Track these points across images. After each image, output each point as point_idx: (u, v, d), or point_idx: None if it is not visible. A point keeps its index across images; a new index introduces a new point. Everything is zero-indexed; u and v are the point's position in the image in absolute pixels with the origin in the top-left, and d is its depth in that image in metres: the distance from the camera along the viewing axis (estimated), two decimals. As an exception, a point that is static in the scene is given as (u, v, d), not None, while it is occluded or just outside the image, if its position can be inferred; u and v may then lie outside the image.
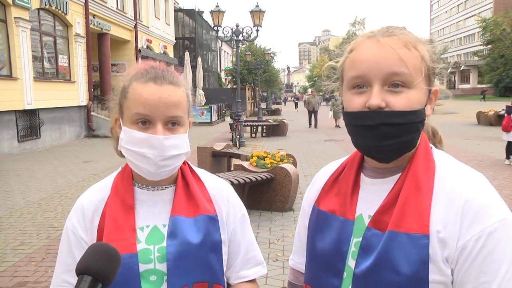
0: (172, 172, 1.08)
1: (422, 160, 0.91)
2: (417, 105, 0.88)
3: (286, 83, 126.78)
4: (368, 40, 0.91)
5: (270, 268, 4.11)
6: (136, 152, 1.03)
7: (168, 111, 1.02)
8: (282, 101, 69.04)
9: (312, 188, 1.12)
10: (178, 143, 1.04)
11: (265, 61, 36.41)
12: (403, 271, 0.83)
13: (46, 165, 10.55)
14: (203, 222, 1.08)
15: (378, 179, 0.96)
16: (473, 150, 11.80)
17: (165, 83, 1.03)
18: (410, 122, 0.87)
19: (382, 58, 0.87)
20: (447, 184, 0.88)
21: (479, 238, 0.81)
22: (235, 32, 14.32)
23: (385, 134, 0.87)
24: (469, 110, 28.39)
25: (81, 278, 0.78)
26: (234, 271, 1.18)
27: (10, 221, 5.88)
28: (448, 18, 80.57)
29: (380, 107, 0.86)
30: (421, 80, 0.88)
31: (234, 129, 13.99)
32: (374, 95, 0.86)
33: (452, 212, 0.84)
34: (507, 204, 0.87)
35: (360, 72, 0.89)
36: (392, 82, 0.87)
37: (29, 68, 13.33)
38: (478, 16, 53.53)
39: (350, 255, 0.94)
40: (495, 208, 0.83)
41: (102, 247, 0.85)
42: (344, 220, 0.96)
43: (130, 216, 1.07)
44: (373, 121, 0.87)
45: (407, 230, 0.85)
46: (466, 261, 0.82)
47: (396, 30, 0.92)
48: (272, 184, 6.13)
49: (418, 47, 0.90)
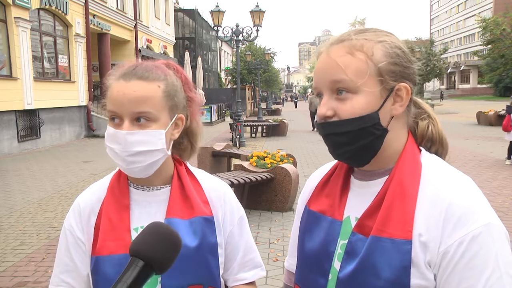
0: (148, 169, 1.05)
1: (408, 163, 0.89)
2: (362, 110, 0.86)
3: (286, 83, 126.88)
4: (322, 52, 0.93)
5: (270, 268, 4.12)
6: (109, 148, 1.04)
7: (132, 106, 1.00)
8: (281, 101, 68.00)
9: (306, 189, 1.12)
10: (145, 139, 1.01)
11: (265, 61, 36.44)
12: (384, 276, 0.83)
13: (46, 165, 10.55)
14: (199, 224, 1.07)
15: (367, 182, 0.95)
16: (473, 150, 11.79)
17: (134, 78, 1.01)
18: (358, 128, 0.87)
19: (325, 68, 0.90)
20: (431, 188, 0.86)
21: (462, 243, 0.79)
22: (235, 32, 14.32)
23: (336, 143, 0.90)
24: (469, 110, 28.40)
25: (132, 261, 0.72)
26: (232, 274, 1.17)
27: (10, 221, 5.89)
28: (448, 18, 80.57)
29: (326, 116, 0.89)
30: (365, 82, 0.86)
31: (234, 129, 13.99)
32: (321, 105, 0.90)
33: (435, 216, 0.83)
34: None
35: (314, 83, 0.94)
36: (337, 89, 0.88)
37: (29, 68, 13.33)
38: (478, 16, 53.48)
39: (336, 257, 0.93)
40: (479, 212, 0.81)
41: (162, 229, 0.78)
42: (332, 220, 0.96)
43: (125, 216, 1.07)
44: (323, 132, 0.92)
45: (390, 235, 0.84)
46: (448, 266, 0.81)
47: (347, 36, 0.90)
48: (272, 184, 6.13)
49: (365, 48, 0.87)
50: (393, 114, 0.90)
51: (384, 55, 0.88)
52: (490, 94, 54.88)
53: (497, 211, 5.71)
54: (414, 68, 0.93)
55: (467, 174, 0.91)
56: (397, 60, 0.89)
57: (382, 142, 0.89)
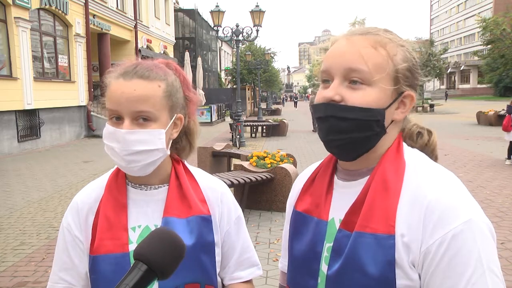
0: (147, 168, 1.05)
1: (391, 160, 0.89)
2: (373, 103, 0.86)
3: (286, 83, 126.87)
4: (341, 38, 0.92)
5: (270, 268, 4.12)
6: (108, 146, 1.04)
7: (132, 105, 0.99)
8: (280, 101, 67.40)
9: (293, 191, 1.12)
10: (144, 138, 1.01)
11: (265, 61, 36.38)
12: (370, 272, 0.82)
13: (46, 165, 10.55)
14: (196, 223, 1.08)
15: (350, 182, 0.95)
16: (473, 150, 11.76)
17: (134, 77, 1.01)
18: (362, 119, 0.86)
19: (344, 54, 0.88)
20: (412, 185, 0.86)
21: (442, 242, 0.79)
22: (235, 32, 14.32)
23: (334, 127, 0.87)
24: (469, 110, 28.40)
25: (135, 264, 0.73)
26: (228, 272, 1.18)
27: (10, 221, 5.89)
28: (448, 18, 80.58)
29: (333, 100, 0.87)
30: (382, 78, 0.87)
31: (234, 129, 13.99)
32: (330, 88, 0.88)
33: (415, 215, 0.82)
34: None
35: (326, 66, 0.91)
36: (351, 78, 0.87)
37: (29, 68, 13.34)
38: (478, 16, 53.47)
39: (323, 260, 0.93)
40: (460, 209, 0.80)
41: (168, 235, 0.79)
42: (318, 221, 0.95)
43: (123, 215, 1.07)
44: (323, 113, 0.88)
45: (373, 230, 0.84)
46: (430, 266, 0.80)
47: (374, 31, 0.91)
48: (272, 184, 6.13)
49: (390, 48, 0.89)
50: (394, 118, 0.91)
51: (403, 59, 0.90)
52: (490, 94, 54.88)
53: (497, 211, 5.76)
54: (420, 80, 0.95)
55: (467, 174, 0.92)
56: (412, 68, 0.92)
57: (377, 141, 0.90)
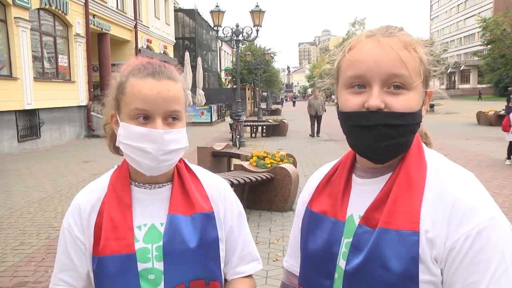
0: (171, 166, 1.08)
1: (415, 159, 0.91)
2: (416, 107, 0.88)
3: (286, 83, 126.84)
4: (368, 40, 0.89)
5: (270, 268, 4.12)
6: (136, 147, 1.03)
7: (167, 105, 1.02)
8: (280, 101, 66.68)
9: (306, 190, 1.13)
10: (177, 137, 1.05)
11: (265, 61, 36.38)
12: (393, 268, 0.83)
13: (46, 165, 10.55)
14: (200, 220, 1.09)
15: (369, 179, 0.96)
16: (473, 150, 11.77)
17: (164, 78, 1.04)
18: (408, 123, 0.87)
19: (383, 59, 0.86)
20: (436, 184, 0.87)
21: (468, 237, 0.80)
22: (235, 32, 14.32)
23: (383, 135, 0.86)
24: (469, 110, 28.41)
25: None
26: (231, 267, 1.19)
27: (10, 221, 5.89)
28: (448, 18, 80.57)
29: (380, 108, 0.85)
30: (419, 82, 0.88)
31: (234, 129, 13.99)
32: (374, 96, 0.85)
33: (440, 212, 0.84)
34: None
35: (360, 72, 0.87)
36: (392, 84, 0.86)
37: (29, 68, 13.33)
38: (478, 16, 53.44)
39: (341, 256, 0.93)
40: (483, 207, 0.82)
41: None
42: (335, 221, 0.96)
43: (128, 215, 1.07)
44: (371, 122, 0.86)
45: (397, 227, 0.84)
46: (454, 261, 0.81)
47: (395, 31, 0.91)
48: (272, 184, 6.13)
49: (417, 49, 0.89)
50: (422, 115, 0.93)
51: (427, 59, 0.91)
52: (490, 94, 54.88)
53: (497, 211, 5.76)
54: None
55: (467, 173, 0.93)
56: (431, 67, 0.93)
57: (413, 140, 0.92)
